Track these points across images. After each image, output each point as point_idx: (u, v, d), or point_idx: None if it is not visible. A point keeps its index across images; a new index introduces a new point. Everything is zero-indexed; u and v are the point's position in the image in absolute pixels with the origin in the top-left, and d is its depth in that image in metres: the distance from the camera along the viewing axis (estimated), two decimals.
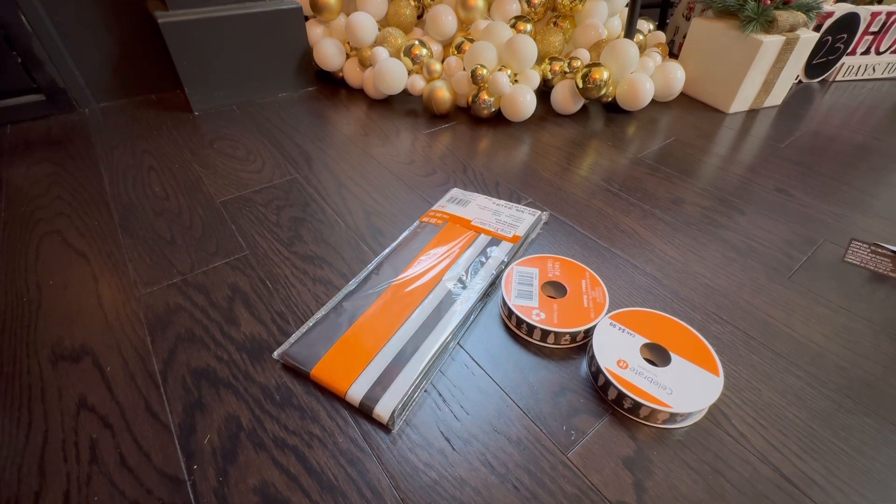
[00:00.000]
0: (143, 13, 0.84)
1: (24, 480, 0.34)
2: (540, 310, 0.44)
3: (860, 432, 0.38)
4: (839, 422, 0.38)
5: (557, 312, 0.44)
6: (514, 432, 0.37)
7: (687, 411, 0.35)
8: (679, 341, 0.41)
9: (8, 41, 0.75)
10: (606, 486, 0.34)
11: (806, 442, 0.37)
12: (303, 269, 0.52)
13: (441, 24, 0.91)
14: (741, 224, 0.62)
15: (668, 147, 0.81)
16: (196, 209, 0.62)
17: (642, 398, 0.36)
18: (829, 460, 0.36)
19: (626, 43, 0.83)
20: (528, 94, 0.82)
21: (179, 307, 0.47)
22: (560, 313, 0.44)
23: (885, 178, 0.74)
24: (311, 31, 0.94)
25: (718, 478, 0.34)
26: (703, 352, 0.40)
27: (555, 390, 0.40)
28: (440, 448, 0.36)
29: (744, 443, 0.37)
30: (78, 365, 0.42)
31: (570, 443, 0.36)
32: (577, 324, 0.43)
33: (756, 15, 0.84)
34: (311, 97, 0.95)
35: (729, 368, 0.42)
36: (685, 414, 0.36)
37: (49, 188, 0.65)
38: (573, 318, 0.43)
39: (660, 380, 0.38)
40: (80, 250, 0.55)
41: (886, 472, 0.35)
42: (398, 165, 0.73)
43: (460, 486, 0.34)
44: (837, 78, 1.10)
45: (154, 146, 0.76)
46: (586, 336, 0.44)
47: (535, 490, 0.33)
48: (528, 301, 0.45)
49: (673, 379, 0.38)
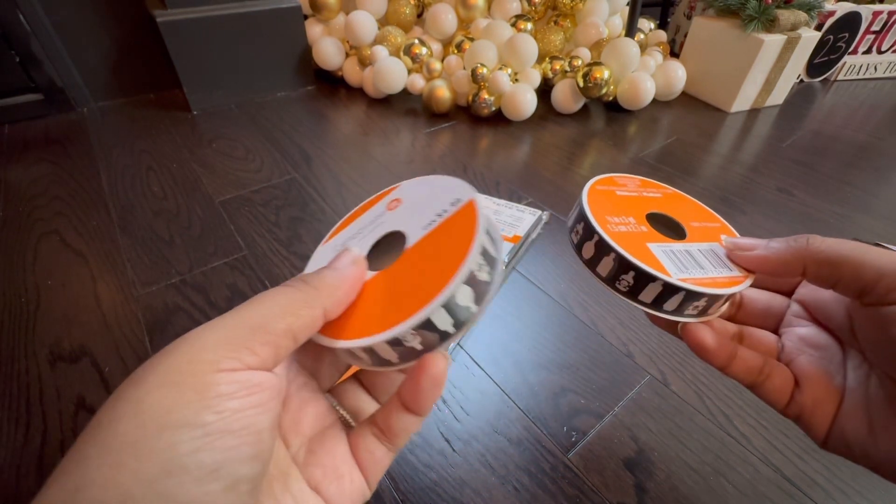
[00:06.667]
0: (141, 12, 0.84)
1: (22, 481, 0.34)
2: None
3: None
4: None
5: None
6: (514, 433, 0.37)
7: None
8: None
9: (6, 40, 0.75)
10: (607, 487, 0.34)
11: (807, 442, 0.37)
12: (302, 269, 0.52)
13: (441, 22, 0.91)
14: (742, 224, 0.62)
15: (669, 146, 0.80)
16: (195, 209, 0.62)
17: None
18: (831, 461, 0.35)
19: (627, 42, 0.83)
20: (529, 93, 0.82)
21: (178, 307, 0.47)
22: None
23: (886, 177, 0.74)
24: (311, 30, 0.94)
25: (720, 479, 0.34)
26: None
27: (555, 391, 0.40)
28: (440, 449, 0.36)
29: (745, 443, 0.36)
30: (76, 365, 0.41)
31: (571, 444, 0.36)
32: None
33: (757, 14, 0.83)
34: (311, 96, 0.95)
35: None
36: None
37: (47, 188, 0.65)
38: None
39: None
40: (78, 250, 0.54)
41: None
42: (398, 165, 0.72)
43: (460, 488, 0.33)
44: (839, 77, 1.10)
45: (153, 146, 0.76)
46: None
47: (535, 491, 0.33)
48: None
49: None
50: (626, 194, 0.24)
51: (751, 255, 0.20)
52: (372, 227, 0.20)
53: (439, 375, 0.16)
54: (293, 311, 0.15)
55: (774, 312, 0.24)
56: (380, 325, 0.16)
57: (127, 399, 0.12)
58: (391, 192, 0.22)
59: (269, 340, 0.14)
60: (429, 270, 0.16)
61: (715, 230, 0.24)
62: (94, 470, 0.11)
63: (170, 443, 0.11)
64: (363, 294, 0.17)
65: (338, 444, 0.17)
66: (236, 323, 0.14)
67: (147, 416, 0.11)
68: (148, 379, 0.12)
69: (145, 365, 0.13)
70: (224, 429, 0.12)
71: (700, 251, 0.21)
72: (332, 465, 0.17)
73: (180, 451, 0.11)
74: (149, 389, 0.12)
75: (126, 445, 0.11)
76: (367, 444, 0.17)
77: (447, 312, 0.16)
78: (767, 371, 0.21)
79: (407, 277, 0.17)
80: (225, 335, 0.13)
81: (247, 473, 0.12)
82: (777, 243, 0.20)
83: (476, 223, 0.17)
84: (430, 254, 0.17)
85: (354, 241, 0.20)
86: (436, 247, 0.17)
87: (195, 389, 0.12)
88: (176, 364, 0.12)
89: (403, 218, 0.20)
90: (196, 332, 0.13)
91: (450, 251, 0.16)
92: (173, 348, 0.13)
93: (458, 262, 0.16)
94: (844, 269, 0.18)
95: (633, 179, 0.26)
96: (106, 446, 0.11)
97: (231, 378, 0.13)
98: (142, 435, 0.11)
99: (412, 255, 0.18)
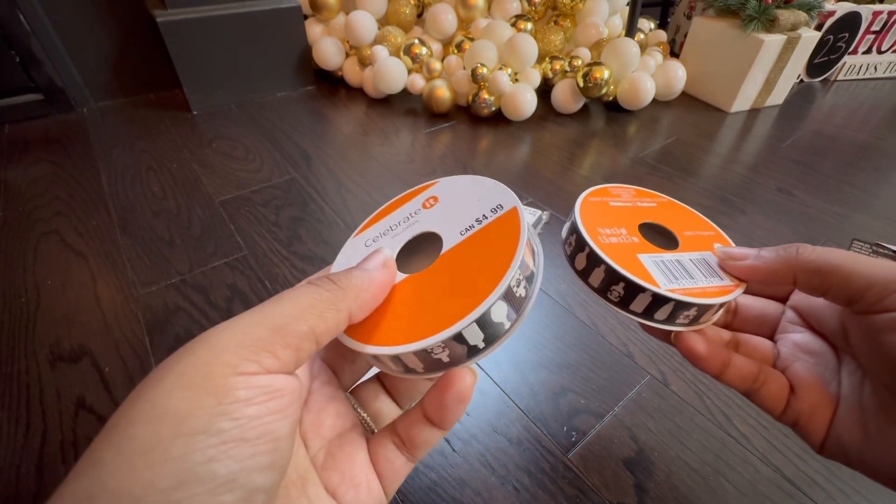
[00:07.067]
0: (141, 12, 0.84)
1: (22, 481, 0.34)
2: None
3: None
4: None
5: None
6: (514, 433, 0.37)
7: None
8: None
9: (6, 40, 0.75)
10: (607, 487, 0.34)
11: None
12: (302, 269, 0.52)
13: (441, 22, 0.91)
14: (742, 224, 0.62)
15: (669, 146, 0.80)
16: (195, 209, 0.62)
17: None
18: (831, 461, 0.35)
19: (627, 42, 0.83)
20: (529, 93, 0.82)
21: (178, 307, 0.47)
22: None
23: (886, 177, 0.74)
24: (311, 30, 0.94)
25: (720, 479, 0.34)
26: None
27: (555, 391, 0.40)
28: (440, 449, 0.36)
29: (745, 443, 0.36)
30: (76, 365, 0.41)
31: (571, 444, 0.36)
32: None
33: (757, 14, 0.83)
34: (311, 96, 0.95)
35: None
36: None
37: (47, 188, 0.65)
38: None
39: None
40: (78, 250, 0.54)
41: None
42: (398, 165, 0.72)
43: (460, 488, 0.33)
44: (839, 77, 1.10)
45: (152, 146, 0.76)
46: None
47: (535, 491, 0.33)
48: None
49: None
50: (619, 205, 0.24)
51: (742, 264, 0.21)
52: (406, 225, 0.20)
53: (465, 391, 0.16)
54: (317, 313, 0.14)
55: (769, 319, 0.24)
56: (408, 334, 0.15)
57: (144, 400, 0.12)
58: (428, 188, 0.22)
59: (291, 343, 0.13)
60: (464, 281, 0.16)
61: (708, 239, 0.24)
62: (109, 476, 0.11)
63: (184, 451, 0.11)
64: (392, 296, 0.17)
65: (357, 450, 0.17)
66: (257, 322, 0.13)
67: (163, 421, 0.11)
68: (166, 380, 0.12)
69: (165, 363, 0.13)
70: (240, 437, 0.12)
71: (692, 261, 0.21)
72: (350, 472, 0.16)
73: (195, 460, 0.11)
74: (166, 391, 0.12)
75: (141, 452, 0.11)
76: (387, 453, 0.17)
77: (479, 328, 0.15)
78: (762, 378, 0.21)
79: (440, 285, 0.16)
80: (245, 336, 0.13)
81: (263, 483, 0.12)
82: (767, 252, 0.20)
83: (519, 235, 0.16)
84: (466, 262, 0.17)
85: (387, 238, 0.20)
86: (473, 255, 0.17)
87: (212, 394, 0.12)
88: (194, 365, 0.12)
89: (440, 218, 0.19)
90: (216, 330, 0.13)
91: (488, 263, 0.16)
92: (193, 347, 0.13)
93: (497, 276, 0.15)
94: (833, 278, 0.18)
95: (627, 189, 0.26)
96: (121, 451, 0.11)
97: (249, 382, 0.12)
98: (156, 441, 0.11)
99: (447, 260, 0.17)
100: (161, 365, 0.13)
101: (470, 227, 0.18)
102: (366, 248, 0.20)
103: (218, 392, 0.12)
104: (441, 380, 0.16)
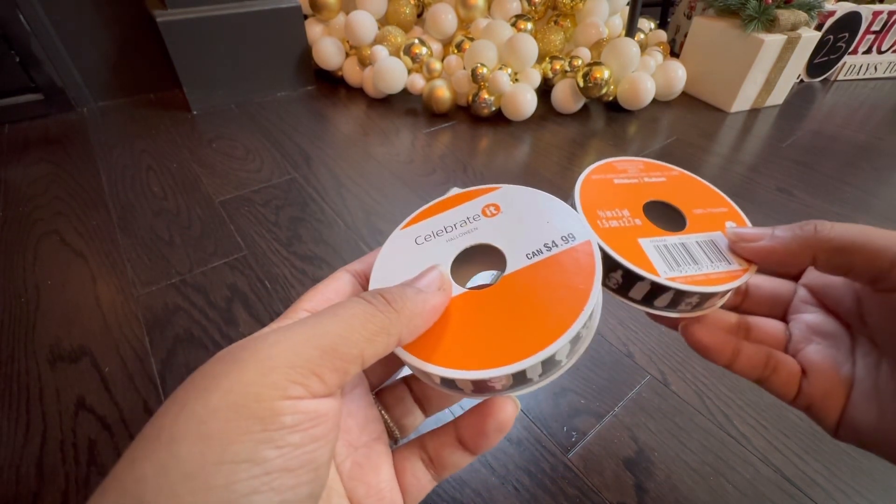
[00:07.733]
0: (141, 12, 0.84)
1: (22, 481, 0.34)
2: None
3: None
4: None
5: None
6: (514, 433, 0.37)
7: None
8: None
9: (6, 40, 0.75)
10: (607, 487, 0.34)
11: (807, 442, 0.37)
12: (302, 269, 0.52)
13: (441, 22, 0.91)
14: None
15: (669, 146, 0.80)
16: (195, 209, 0.62)
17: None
18: (831, 461, 0.35)
19: (627, 42, 0.83)
20: (529, 93, 0.82)
21: (178, 307, 0.47)
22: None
23: (886, 177, 0.74)
24: (311, 30, 0.94)
25: (720, 479, 0.34)
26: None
27: (555, 391, 0.40)
28: None
29: (745, 444, 0.36)
30: (76, 365, 0.41)
31: (571, 444, 0.36)
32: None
33: (757, 14, 0.83)
34: (311, 96, 0.95)
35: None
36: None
37: (47, 188, 0.65)
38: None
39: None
40: (78, 250, 0.54)
41: (888, 473, 0.35)
42: (398, 165, 0.72)
43: (460, 488, 0.33)
44: (839, 77, 1.10)
45: (152, 146, 0.76)
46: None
47: (535, 492, 0.33)
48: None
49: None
50: (624, 182, 0.23)
51: (755, 246, 0.19)
52: (464, 230, 0.19)
53: (507, 421, 0.15)
54: (368, 336, 0.14)
55: (781, 299, 0.23)
56: (467, 360, 0.15)
57: (189, 415, 0.11)
58: (489, 192, 0.21)
59: (339, 367, 0.13)
60: (532, 315, 0.15)
61: (720, 216, 0.22)
62: (152, 498, 0.10)
63: (228, 480, 0.11)
64: (448, 311, 0.16)
65: (383, 463, 0.17)
66: (308, 340, 0.13)
67: (208, 443, 0.11)
68: (213, 395, 0.12)
69: (211, 370, 0.12)
70: (283, 467, 0.11)
71: (698, 243, 0.20)
72: (376, 485, 0.16)
73: (238, 490, 0.11)
74: (213, 409, 0.11)
75: (184, 477, 0.11)
76: (414, 469, 0.17)
77: (542, 366, 0.15)
78: (773, 365, 0.20)
79: (504, 311, 0.16)
80: (296, 356, 0.12)
81: None
82: (783, 231, 0.19)
83: (594, 275, 0.15)
84: (533, 292, 0.16)
85: (441, 240, 0.19)
86: (541, 287, 0.16)
87: (259, 418, 0.11)
88: (242, 383, 0.12)
89: (503, 233, 0.18)
90: (267, 341, 0.13)
91: (559, 300, 0.15)
92: (242, 358, 0.12)
93: (568, 319, 0.15)
94: (857, 256, 0.17)
95: (634, 163, 0.24)
96: (165, 471, 0.11)
97: (296, 408, 0.12)
98: (200, 466, 0.11)
99: (511, 284, 0.16)
100: (207, 370, 0.12)
101: (538, 252, 0.17)
102: (416, 245, 0.18)
103: (265, 417, 0.11)
104: (482, 407, 0.15)
